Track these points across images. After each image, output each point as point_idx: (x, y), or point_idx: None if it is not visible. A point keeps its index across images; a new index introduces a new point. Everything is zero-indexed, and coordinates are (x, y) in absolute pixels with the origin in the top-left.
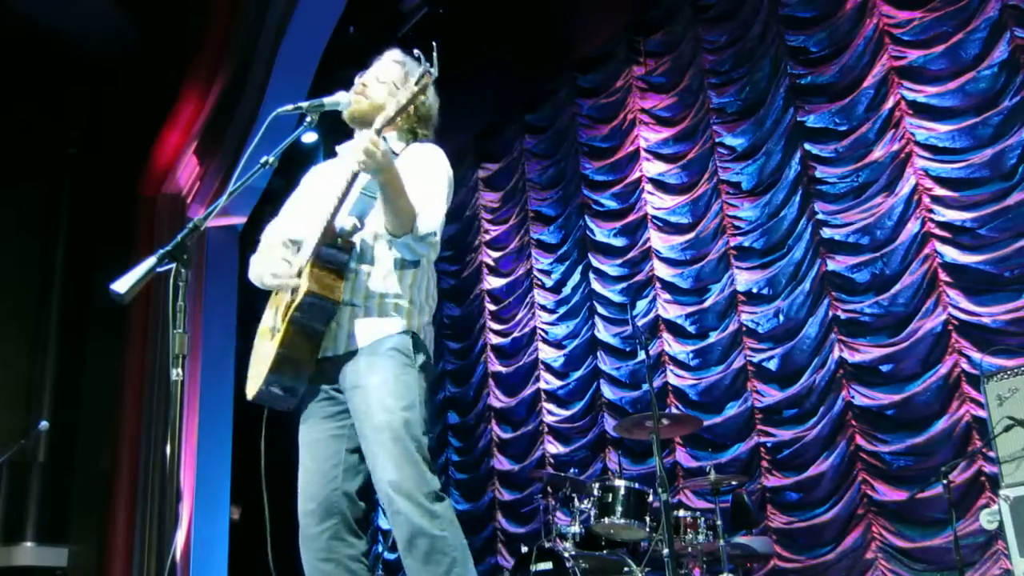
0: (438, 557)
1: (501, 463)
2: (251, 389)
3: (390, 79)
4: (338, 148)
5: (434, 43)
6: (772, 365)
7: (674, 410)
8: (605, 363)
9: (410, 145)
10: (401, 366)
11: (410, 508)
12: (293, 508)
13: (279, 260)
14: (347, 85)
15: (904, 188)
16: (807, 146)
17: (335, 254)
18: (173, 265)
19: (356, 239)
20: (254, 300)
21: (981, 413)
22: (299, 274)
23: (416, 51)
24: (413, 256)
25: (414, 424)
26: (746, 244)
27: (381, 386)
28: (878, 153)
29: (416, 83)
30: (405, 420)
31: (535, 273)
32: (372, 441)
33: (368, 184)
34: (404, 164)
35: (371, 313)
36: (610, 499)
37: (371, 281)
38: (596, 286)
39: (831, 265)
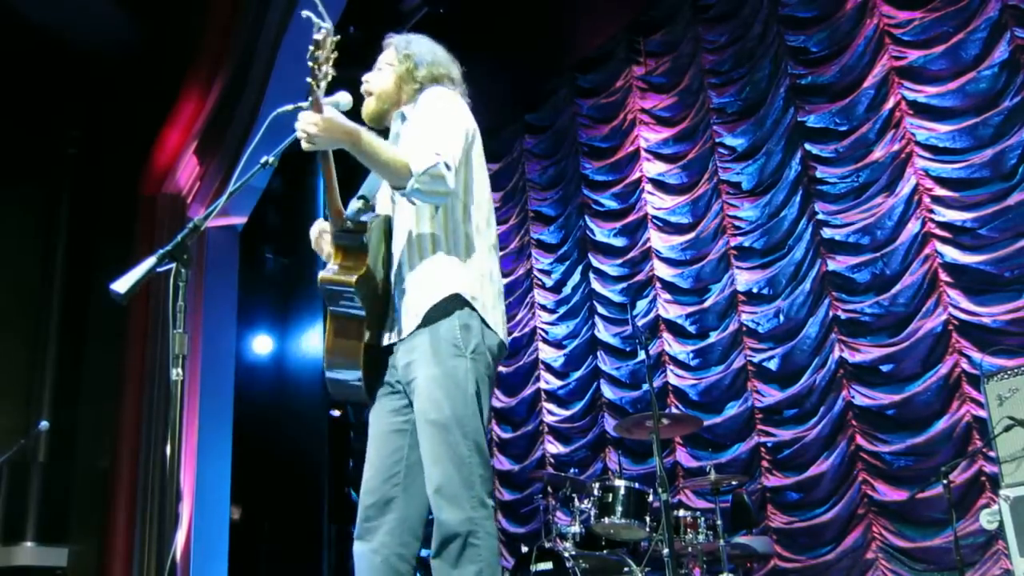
0: (465, 564)
1: (501, 463)
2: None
3: (385, 62)
4: None
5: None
6: (772, 365)
7: (674, 410)
8: (605, 363)
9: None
10: (450, 356)
11: (449, 512)
12: (296, 507)
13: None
14: (347, 85)
15: (904, 188)
16: (807, 146)
17: (346, 235)
18: (173, 265)
19: (367, 218)
20: (254, 300)
21: (981, 413)
22: None
23: (304, 13)
24: (433, 198)
25: (466, 421)
26: (746, 244)
27: (430, 381)
28: (878, 153)
29: (312, 43)
30: (455, 417)
31: (535, 273)
32: (423, 439)
33: None
34: (409, 122)
35: (412, 287)
36: (610, 499)
37: (403, 256)
38: (596, 286)
39: (831, 265)
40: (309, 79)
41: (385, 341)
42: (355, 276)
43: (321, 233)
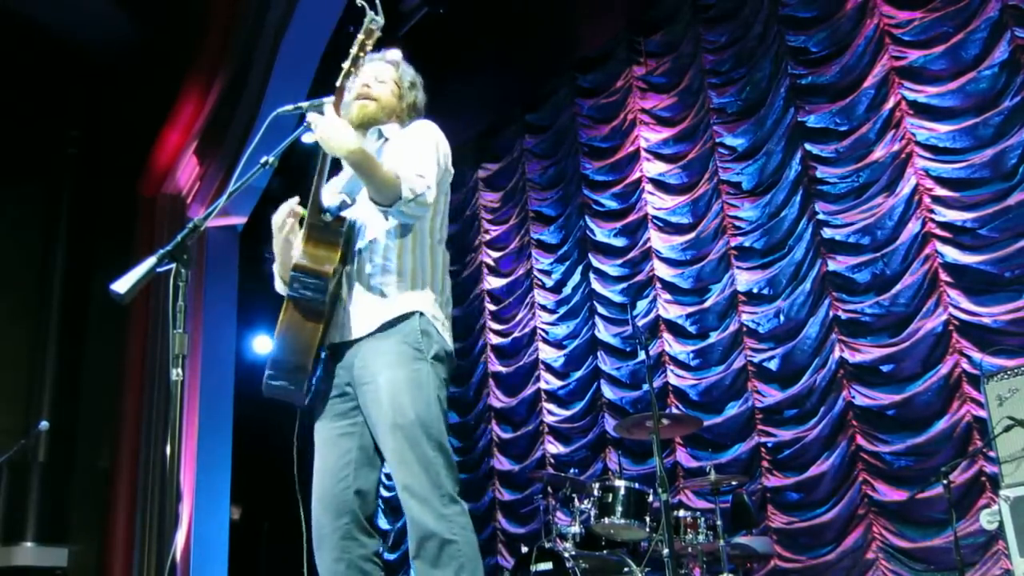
0: (446, 561)
1: (501, 463)
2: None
3: (390, 79)
4: None
5: None
6: (773, 365)
7: (674, 410)
8: (605, 363)
9: (413, 120)
10: (411, 360)
11: (421, 511)
12: (296, 507)
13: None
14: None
15: (905, 188)
16: (807, 146)
17: (324, 229)
18: (173, 265)
19: (348, 215)
20: (254, 300)
21: (981, 413)
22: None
23: (359, 1)
24: (409, 220)
25: (429, 423)
26: (747, 244)
27: (392, 384)
28: (879, 153)
29: (362, 31)
30: (419, 420)
31: (535, 273)
32: (387, 442)
33: None
34: (395, 141)
35: (373, 292)
36: (610, 499)
37: (368, 260)
38: (596, 286)
39: (832, 265)
40: (348, 65)
41: (333, 340)
42: (331, 267)
43: (292, 214)
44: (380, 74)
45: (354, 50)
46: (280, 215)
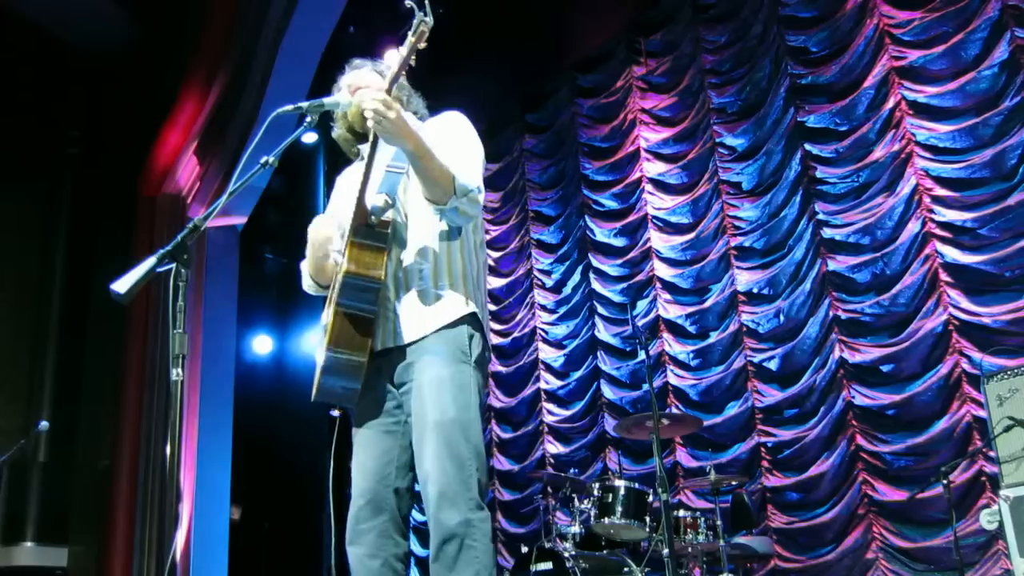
0: (462, 567)
1: (501, 463)
2: (314, 389)
3: (371, 73)
4: (360, 146)
5: None
6: (773, 365)
7: (674, 410)
8: (605, 363)
9: (425, 120)
10: (456, 362)
11: (448, 514)
12: (296, 507)
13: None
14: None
15: (905, 188)
16: (807, 146)
17: (370, 232)
18: (173, 265)
19: (390, 216)
20: (254, 300)
21: (981, 413)
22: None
23: (408, 2)
24: (463, 220)
25: (469, 425)
26: (747, 244)
27: (436, 384)
28: (879, 153)
29: (412, 33)
30: (458, 422)
31: (535, 273)
32: (425, 440)
33: (392, 158)
34: (428, 132)
35: (424, 297)
36: (610, 499)
37: (417, 264)
38: (596, 286)
39: (832, 265)
40: (397, 68)
41: (387, 344)
42: (381, 272)
43: (337, 232)
44: (361, 74)
45: (404, 52)
46: (323, 231)
